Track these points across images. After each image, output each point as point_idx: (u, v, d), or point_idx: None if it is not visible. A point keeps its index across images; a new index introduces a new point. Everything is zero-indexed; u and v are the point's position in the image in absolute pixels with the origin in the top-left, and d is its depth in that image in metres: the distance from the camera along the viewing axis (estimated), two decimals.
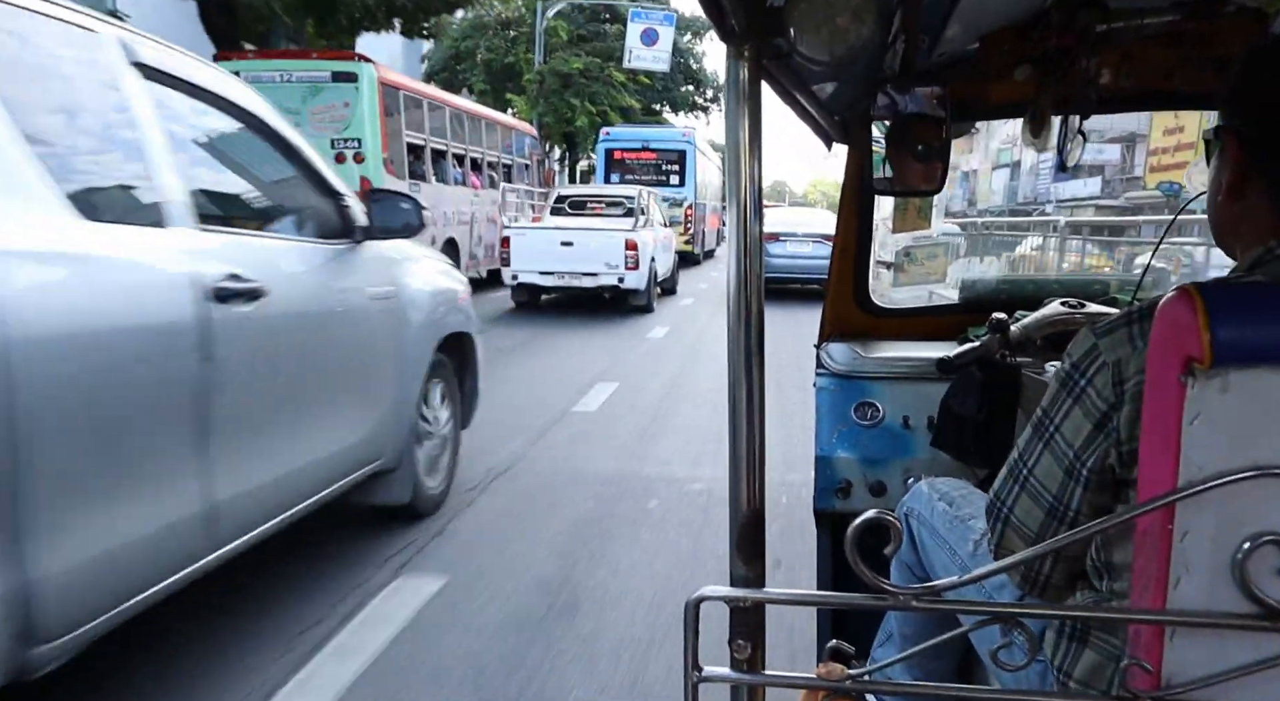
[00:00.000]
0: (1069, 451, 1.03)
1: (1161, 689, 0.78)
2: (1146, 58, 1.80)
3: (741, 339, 0.88)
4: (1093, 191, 27.89)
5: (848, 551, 0.73)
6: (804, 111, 1.70)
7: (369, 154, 10.55)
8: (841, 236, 2.27)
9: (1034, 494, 1.08)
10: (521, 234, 11.31)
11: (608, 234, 11.10)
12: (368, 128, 10.55)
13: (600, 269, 10.99)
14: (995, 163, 35.64)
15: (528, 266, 11.11)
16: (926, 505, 1.59)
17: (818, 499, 2.13)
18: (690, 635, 0.80)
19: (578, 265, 11.01)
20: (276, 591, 3.01)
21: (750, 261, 0.88)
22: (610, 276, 11.02)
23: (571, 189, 16.91)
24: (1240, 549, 0.74)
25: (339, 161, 10.55)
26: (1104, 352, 0.99)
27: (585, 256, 10.97)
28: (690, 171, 20.84)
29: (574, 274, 11.05)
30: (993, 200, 34.60)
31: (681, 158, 20.85)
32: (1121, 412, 0.97)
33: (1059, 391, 1.05)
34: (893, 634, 1.72)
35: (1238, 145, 0.98)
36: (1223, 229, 1.05)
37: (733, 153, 0.87)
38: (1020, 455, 1.11)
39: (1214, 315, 0.75)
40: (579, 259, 10.98)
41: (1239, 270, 0.98)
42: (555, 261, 11.01)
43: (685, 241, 19.83)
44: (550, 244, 11.09)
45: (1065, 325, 1.83)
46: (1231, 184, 0.99)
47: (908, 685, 1.12)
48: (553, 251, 11.02)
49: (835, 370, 2.16)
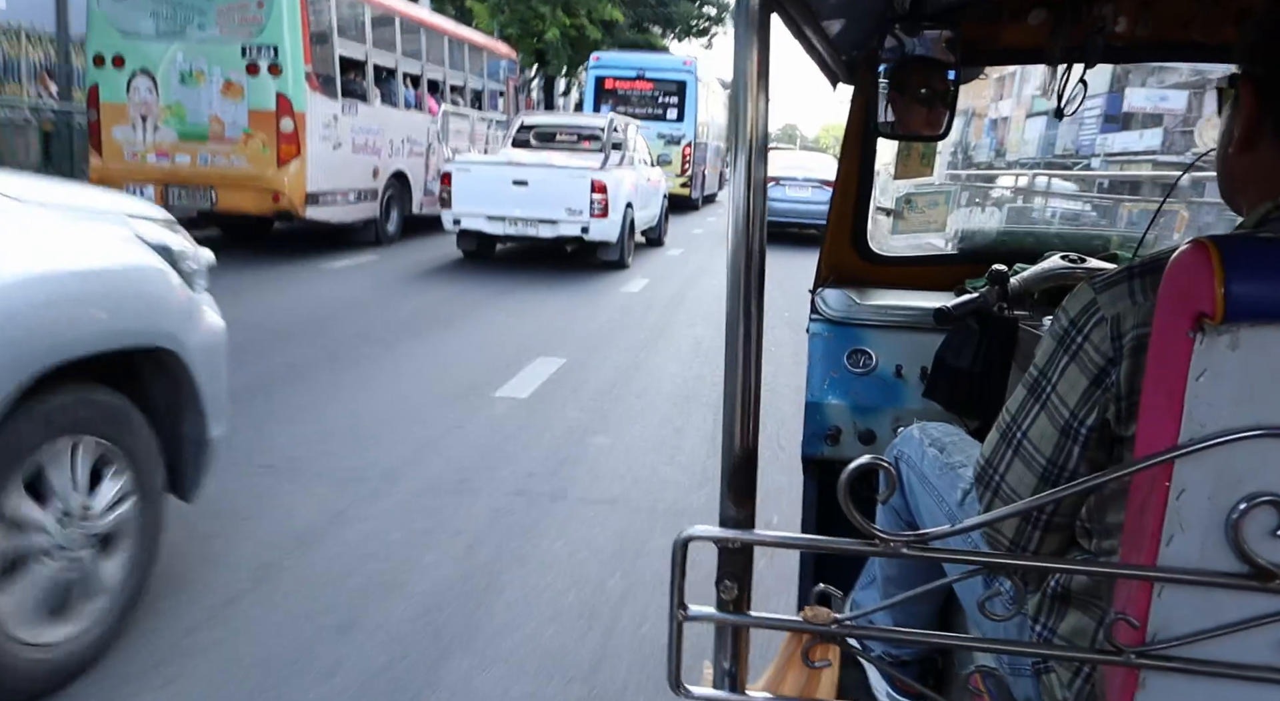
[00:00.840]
0: (1065, 410, 1.01)
1: (1147, 644, 0.78)
2: (1165, 6, 1.78)
3: (741, 279, 0.84)
4: (1150, 145, 23.29)
5: (840, 496, 0.75)
6: (811, 48, 1.51)
7: (287, 66, 8.79)
8: (842, 180, 2.20)
9: (1027, 458, 1.05)
10: (465, 170, 9.39)
11: (570, 172, 9.24)
12: (286, 33, 8.76)
13: (560, 215, 9.16)
14: (1030, 109, 31.85)
15: (472, 209, 9.24)
16: (917, 449, 1.57)
17: (806, 444, 2.10)
18: (677, 574, 0.82)
19: (533, 210, 9.16)
20: None
21: (753, 199, 0.83)
22: (572, 224, 9.21)
23: (538, 116, 14.29)
24: (1236, 508, 0.74)
25: (251, 73, 8.83)
26: (1103, 307, 0.97)
27: (542, 199, 9.13)
28: (690, 106, 18.59)
29: (528, 221, 9.21)
30: (1025, 151, 30.81)
31: (681, 90, 18.59)
32: (1120, 367, 0.96)
33: (1055, 349, 1.02)
34: (876, 578, 1.70)
35: (1254, 95, 0.95)
36: (1231, 182, 1.03)
37: (739, 86, 0.82)
38: (1014, 418, 1.08)
39: (1230, 270, 0.73)
40: (534, 202, 9.14)
41: (1245, 226, 0.96)
42: (506, 204, 9.14)
43: (682, 184, 17.97)
44: (500, 183, 9.18)
45: (1065, 279, 1.81)
46: (1244, 135, 0.96)
47: (894, 630, 1.36)
48: (503, 192, 9.13)
49: (829, 316, 2.12)
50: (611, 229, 9.47)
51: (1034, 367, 1.06)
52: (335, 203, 9.61)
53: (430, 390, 4.87)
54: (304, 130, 8.92)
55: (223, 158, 9.02)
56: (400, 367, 5.29)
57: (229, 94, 8.90)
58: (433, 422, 4.33)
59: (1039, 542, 1.06)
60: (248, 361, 5.16)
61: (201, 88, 8.95)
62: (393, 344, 5.87)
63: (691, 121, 18.51)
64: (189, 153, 9.07)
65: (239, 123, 8.93)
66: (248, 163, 8.97)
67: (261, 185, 8.92)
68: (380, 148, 10.45)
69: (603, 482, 3.74)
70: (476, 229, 9.39)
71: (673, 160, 17.76)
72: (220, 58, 8.85)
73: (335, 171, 9.54)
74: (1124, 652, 0.77)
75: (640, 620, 2.60)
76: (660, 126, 17.95)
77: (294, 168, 8.95)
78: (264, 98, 8.83)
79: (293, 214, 9.08)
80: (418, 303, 7.45)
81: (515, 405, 4.70)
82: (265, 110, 8.84)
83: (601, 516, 3.37)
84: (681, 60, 19.99)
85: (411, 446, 3.98)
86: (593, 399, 4.95)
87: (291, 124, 8.86)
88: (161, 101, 9.04)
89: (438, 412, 4.50)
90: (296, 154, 8.92)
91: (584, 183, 9.13)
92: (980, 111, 33.81)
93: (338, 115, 9.55)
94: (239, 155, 8.98)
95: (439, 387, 4.93)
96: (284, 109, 8.84)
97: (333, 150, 9.50)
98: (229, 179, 9.00)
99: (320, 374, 5.10)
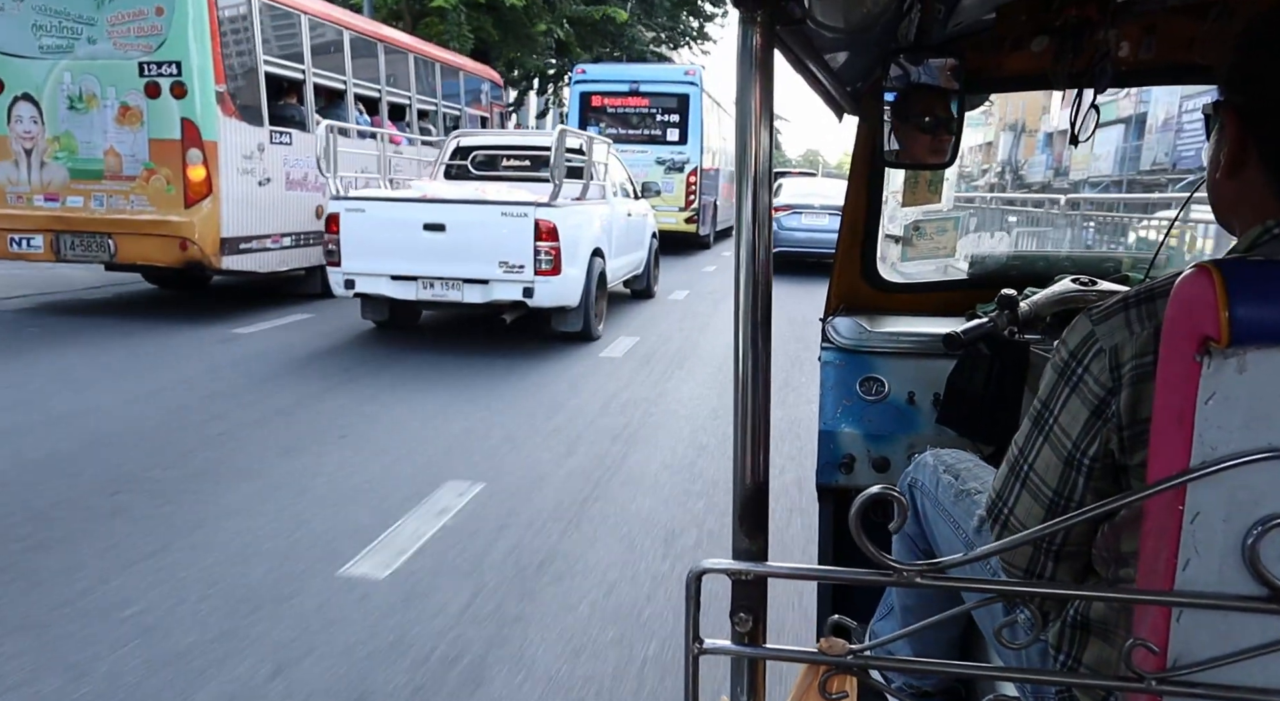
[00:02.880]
0: (1068, 441, 1.02)
1: (1168, 670, 0.77)
2: (1168, 29, 1.80)
3: (748, 312, 0.86)
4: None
5: (852, 526, 0.74)
6: (816, 81, 1.58)
7: (194, 85, 7.19)
8: (850, 210, 2.22)
9: (1034, 490, 1.06)
10: (357, 211, 6.64)
11: (505, 210, 6.49)
12: (192, 46, 7.16)
13: (492, 272, 6.49)
14: (1101, 117, 28.48)
15: (369, 266, 6.59)
16: (931, 476, 1.56)
17: (820, 473, 2.09)
18: (692, 607, 0.81)
19: (453, 265, 6.51)
20: None
21: (759, 232, 0.86)
22: (510, 285, 6.51)
23: (480, 135, 10.00)
24: (1251, 531, 0.73)
25: (151, 95, 7.26)
26: (1101, 338, 0.98)
27: (466, 250, 6.47)
28: (695, 124, 15.30)
29: (447, 281, 6.56)
30: (1095, 167, 25.02)
31: (683, 105, 15.27)
32: (1120, 397, 0.96)
33: (1056, 381, 1.03)
34: (894, 608, 1.69)
35: (1237, 122, 0.97)
36: (1221, 206, 1.05)
37: (743, 122, 0.85)
38: (1020, 450, 1.09)
39: (1233, 293, 0.73)
40: (455, 254, 6.49)
41: (1238, 249, 0.97)
42: (416, 258, 6.53)
43: (687, 218, 15.52)
44: (407, 228, 6.54)
45: (1076, 303, 1.80)
46: (1230, 161, 0.99)
47: (911, 661, 1.31)
48: (411, 241, 6.52)
49: (841, 344, 2.12)
50: (567, 288, 6.73)
51: (1037, 400, 1.07)
52: (263, 249, 7.98)
53: (250, 564, 3.12)
54: (216, 163, 7.31)
55: (121, 198, 7.43)
56: (227, 518, 3.47)
57: (126, 121, 7.33)
58: (229, 630, 2.59)
59: (1053, 571, 1.06)
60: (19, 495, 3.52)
61: (94, 114, 7.38)
62: (227, 475, 3.93)
63: (697, 143, 15.39)
64: (82, 194, 7.49)
65: (138, 156, 7.34)
66: (150, 204, 7.38)
67: (166, 231, 7.31)
68: (324, 183, 8.80)
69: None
70: (377, 293, 6.77)
71: (675, 190, 15.07)
72: (115, 77, 7.28)
73: (262, 212, 7.92)
74: (1145, 679, 0.77)
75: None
76: (659, 150, 15.19)
77: (205, 209, 7.32)
78: (167, 125, 7.24)
79: (204, 265, 7.45)
80: (307, 391, 5.46)
81: (368, 593, 2.91)
82: (169, 139, 7.25)
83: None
84: (683, 70, 16.57)
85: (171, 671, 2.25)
86: (505, 571, 3.12)
87: (200, 155, 7.25)
88: (48, 132, 7.47)
89: (246, 607, 2.77)
90: (207, 192, 7.30)
91: (524, 224, 6.41)
92: (1031, 126, 30.82)
93: (264, 145, 7.93)
94: (140, 195, 7.39)
95: (264, 561, 3.16)
96: (191, 138, 7.24)
97: (258, 187, 7.88)
98: (129, 224, 7.40)
99: (95, 533, 3.38)
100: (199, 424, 4.66)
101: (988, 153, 36.30)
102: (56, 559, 3.04)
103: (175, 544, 3.19)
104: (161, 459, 4.09)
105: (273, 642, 2.56)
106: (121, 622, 2.64)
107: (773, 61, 0.84)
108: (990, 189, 29.84)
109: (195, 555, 3.11)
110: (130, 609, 2.72)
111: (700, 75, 15.61)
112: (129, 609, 2.72)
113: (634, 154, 14.17)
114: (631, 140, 14.93)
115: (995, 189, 29.86)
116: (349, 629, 2.66)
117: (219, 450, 4.27)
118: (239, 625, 2.64)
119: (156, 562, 3.04)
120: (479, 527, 3.45)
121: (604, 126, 14.70)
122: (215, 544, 3.22)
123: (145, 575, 2.94)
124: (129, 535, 3.25)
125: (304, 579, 2.96)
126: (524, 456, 4.36)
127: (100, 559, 3.04)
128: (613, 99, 15.42)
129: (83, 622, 2.63)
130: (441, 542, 3.30)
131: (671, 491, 3.97)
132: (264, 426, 4.71)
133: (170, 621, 2.65)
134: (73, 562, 3.01)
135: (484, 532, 3.41)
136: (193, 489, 3.74)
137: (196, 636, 2.58)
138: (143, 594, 2.81)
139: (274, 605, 2.78)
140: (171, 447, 4.27)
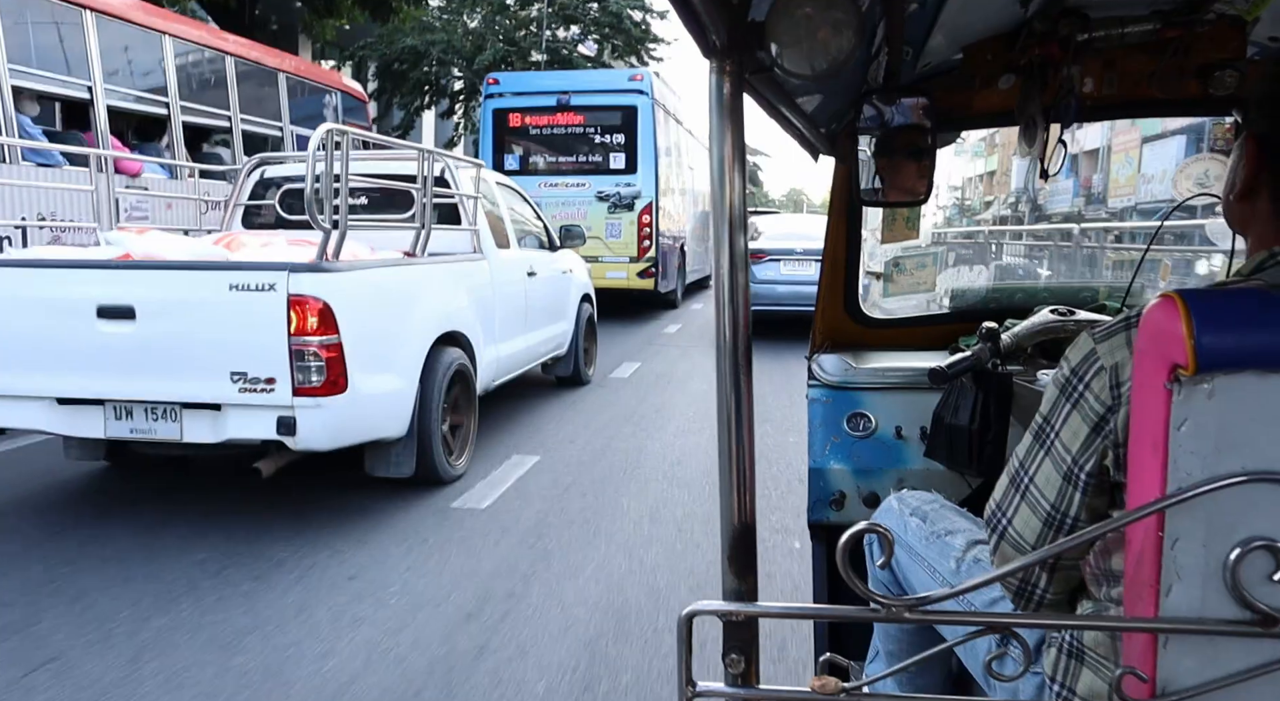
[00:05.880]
0: (1068, 456, 1.04)
1: (1157, 697, 0.78)
2: (1128, 66, 1.87)
3: (729, 353, 0.87)
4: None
5: (839, 563, 0.75)
6: (789, 124, 1.62)
7: None
8: (831, 248, 2.25)
9: (1032, 503, 1.08)
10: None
11: (236, 281, 3.63)
12: None
13: (221, 391, 3.66)
14: (1144, 133, 20.55)
15: (12, 383, 3.83)
16: (898, 521, 1.59)
17: (811, 510, 2.11)
18: (684, 650, 0.82)
19: (152, 380, 3.72)
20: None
21: (735, 275, 0.86)
22: (252, 412, 3.67)
23: (289, 165, 5.97)
24: (1231, 555, 0.74)
25: None
26: (1102, 357, 1.00)
27: (171, 351, 3.70)
28: (646, 146, 11.45)
29: (149, 407, 3.76)
30: (1147, 190, 20.24)
31: (629, 121, 11.45)
32: (1119, 415, 0.97)
33: (1058, 397, 1.06)
34: (879, 652, 1.72)
35: (1255, 149, 1.00)
36: (1232, 222, 1.08)
37: (719, 169, 0.86)
38: (1021, 463, 1.11)
39: (1198, 322, 0.75)
40: (154, 360, 3.70)
41: (1242, 272, 1.00)
42: (91, 365, 3.74)
43: (641, 271, 11.35)
44: (70, 313, 3.73)
45: (1055, 333, 1.87)
46: (1245, 186, 1.01)
47: (903, 696, 1.37)
48: (82, 335, 3.72)
49: (827, 381, 2.13)
50: (368, 413, 3.93)
51: (1039, 415, 1.08)
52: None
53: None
54: None
55: None
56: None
57: None
58: None
59: (1047, 583, 1.09)
60: None
61: None
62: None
63: (650, 170, 11.45)
64: None
65: None
66: None
67: None
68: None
69: None
70: (32, 428, 3.97)
71: (623, 235, 11.27)
72: None
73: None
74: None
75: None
76: (600, 182, 11.35)
77: None
78: None
79: None
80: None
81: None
82: None
83: None
84: (627, 76, 12.47)
85: None
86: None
87: None
88: None
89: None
90: None
91: (268, 304, 3.60)
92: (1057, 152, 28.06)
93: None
94: None
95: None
96: None
97: None
98: None
99: None
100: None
101: (990, 182, 34.50)
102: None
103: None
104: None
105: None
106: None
107: (743, 108, 0.86)
108: (1000, 222, 27.66)
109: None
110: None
111: (650, 81, 11.86)
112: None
113: (568, 188, 11.37)
114: (563, 170, 11.54)
115: (1008, 222, 27.23)
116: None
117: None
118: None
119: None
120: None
121: (527, 154, 11.77)
122: None
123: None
124: None
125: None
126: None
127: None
128: (536, 117, 11.68)
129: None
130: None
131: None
132: None
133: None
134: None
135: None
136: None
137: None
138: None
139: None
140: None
